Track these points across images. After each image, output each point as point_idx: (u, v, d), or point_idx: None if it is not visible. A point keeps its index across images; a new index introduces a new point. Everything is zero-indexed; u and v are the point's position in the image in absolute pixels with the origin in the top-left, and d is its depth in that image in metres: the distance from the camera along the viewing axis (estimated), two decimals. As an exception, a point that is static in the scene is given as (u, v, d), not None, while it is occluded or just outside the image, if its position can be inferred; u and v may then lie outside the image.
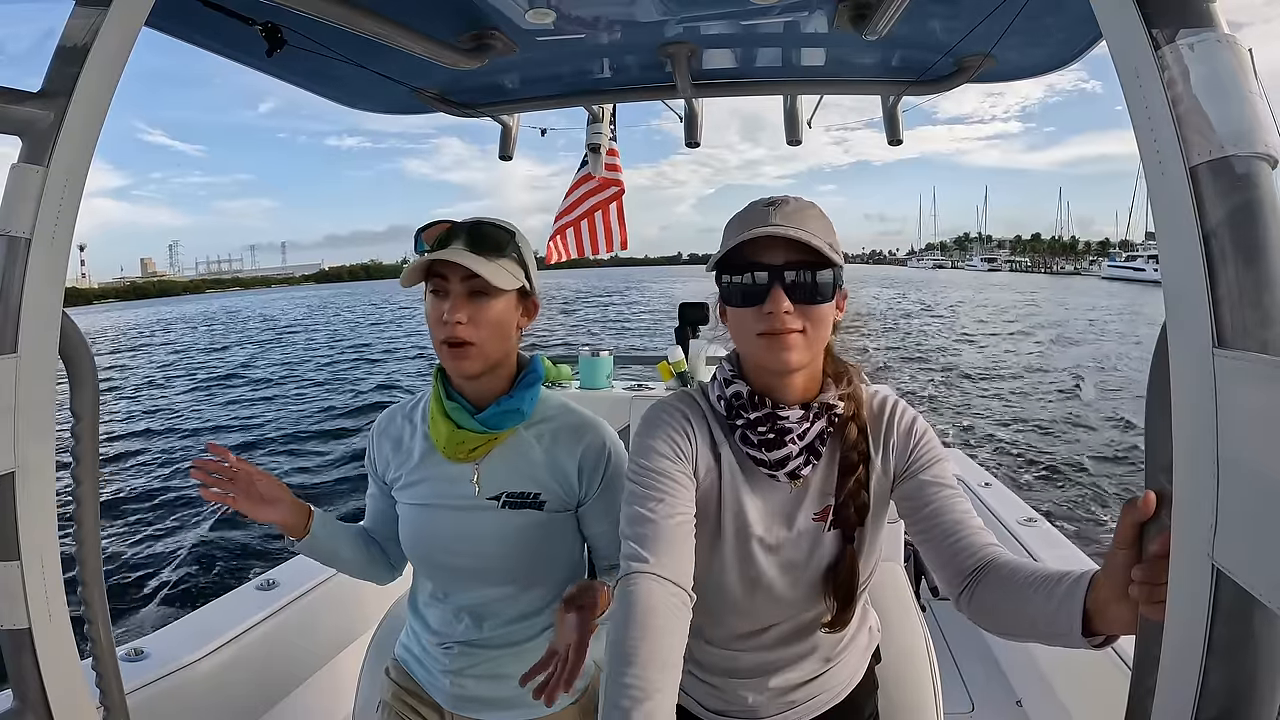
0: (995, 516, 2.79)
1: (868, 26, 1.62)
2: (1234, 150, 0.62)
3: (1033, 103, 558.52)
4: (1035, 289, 74.15)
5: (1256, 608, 0.61)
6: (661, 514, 1.11)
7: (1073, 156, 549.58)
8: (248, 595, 2.18)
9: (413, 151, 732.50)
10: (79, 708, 1.09)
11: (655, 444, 1.18)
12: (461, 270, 1.24)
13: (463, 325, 1.25)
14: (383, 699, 1.54)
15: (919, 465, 1.20)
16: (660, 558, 1.06)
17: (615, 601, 1.04)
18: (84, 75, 0.97)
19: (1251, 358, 0.59)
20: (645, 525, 1.10)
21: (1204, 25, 0.64)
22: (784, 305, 1.09)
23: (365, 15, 1.52)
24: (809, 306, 1.10)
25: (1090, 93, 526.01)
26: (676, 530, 1.11)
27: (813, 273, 1.10)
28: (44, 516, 1.02)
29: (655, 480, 1.14)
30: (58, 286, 1.00)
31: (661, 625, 0.99)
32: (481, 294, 1.27)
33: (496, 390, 1.36)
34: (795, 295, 1.10)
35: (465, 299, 1.26)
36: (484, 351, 1.29)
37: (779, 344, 1.11)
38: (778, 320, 1.09)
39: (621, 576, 1.06)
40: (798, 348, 1.11)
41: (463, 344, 1.27)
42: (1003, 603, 1.04)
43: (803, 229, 1.09)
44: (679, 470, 1.16)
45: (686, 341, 3.24)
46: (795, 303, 1.10)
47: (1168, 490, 0.70)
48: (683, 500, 1.14)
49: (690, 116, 2.73)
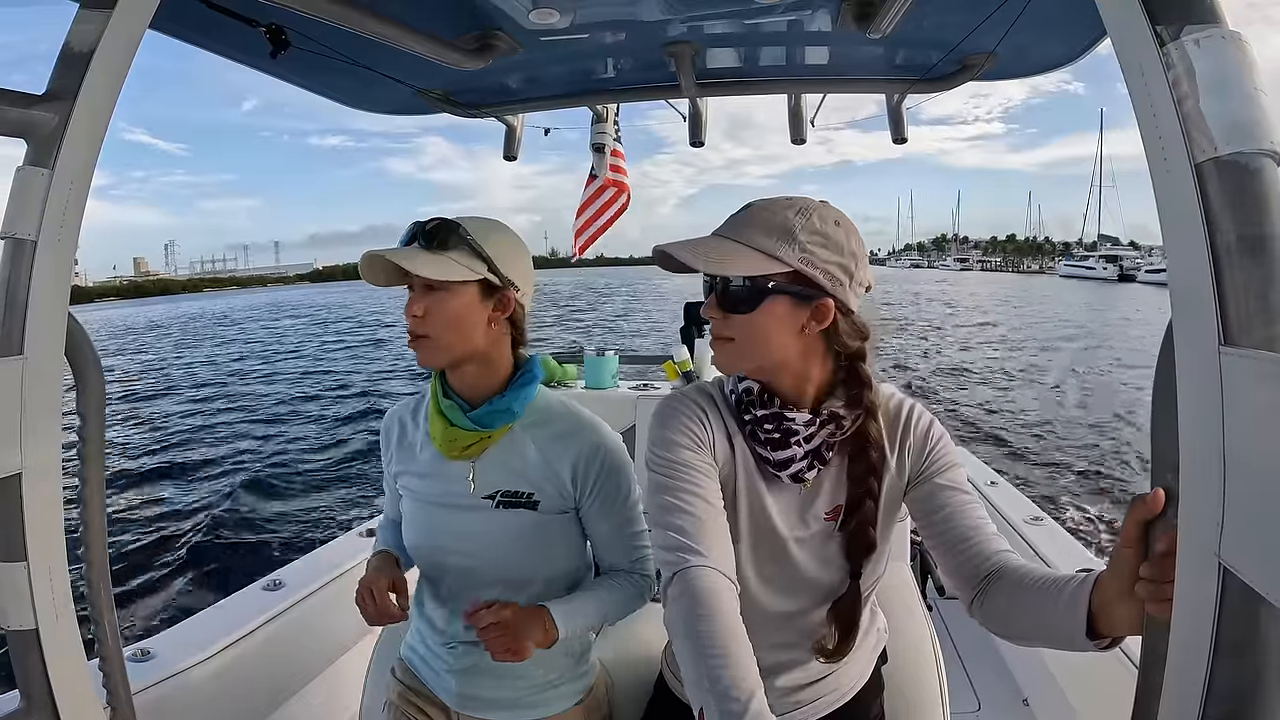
0: (1001, 515, 2.79)
1: (872, 25, 1.61)
2: (1240, 147, 0.61)
3: (1015, 104, 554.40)
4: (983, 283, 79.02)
5: (1263, 606, 0.60)
6: (698, 505, 1.10)
7: (1055, 158, 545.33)
8: (254, 595, 2.19)
9: (396, 151, 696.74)
10: (85, 708, 1.10)
11: (674, 435, 1.17)
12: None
13: (418, 319, 1.27)
14: (389, 699, 1.54)
15: (934, 470, 1.19)
16: (711, 550, 1.06)
17: (676, 598, 1.02)
18: (88, 78, 0.97)
19: (1258, 355, 0.59)
20: (683, 517, 1.09)
21: (1209, 21, 0.64)
22: (713, 311, 1.13)
23: (369, 16, 1.52)
24: (733, 315, 1.12)
25: (1073, 94, 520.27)
26: (716, 520, 1.11)
27: (726, 284, 1.11)
28: (51, 517, 1.02)
29: (681, 471, 1.14)
30: (63, 288, 1.00)
31: (735, 617, 0.99)
32: (434, 289, 1.28)
33: (491, 389, 1.36)
34: (723, 304, 1.12)
35: (422, 293, 1.28)
36: (440, 344, 1.29)
37: (715, 347, 1.16)
38: (715, 325, 1.15)
39: (677, 571, 1.04)
40: (725, 353, 1.15)
41: (418, 337, 1.28)
42: (1013, 608, 1.04)
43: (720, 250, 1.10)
44: (701, 460, 1.16)
45: (692, 341, 3.24)
46: (724, 311, 1.12)
47: (1174, 488, 0.70)
48: (713, 489, 1.14)
49: (694, 116, 2.74)
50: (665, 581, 1.06)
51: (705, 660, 0.92)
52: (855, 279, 1.12)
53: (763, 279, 1.08)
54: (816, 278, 1.08)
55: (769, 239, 1.08)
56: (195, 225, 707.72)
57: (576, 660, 1.47)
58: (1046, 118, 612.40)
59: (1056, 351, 23.06)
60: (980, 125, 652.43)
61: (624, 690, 1.59)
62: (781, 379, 1.16)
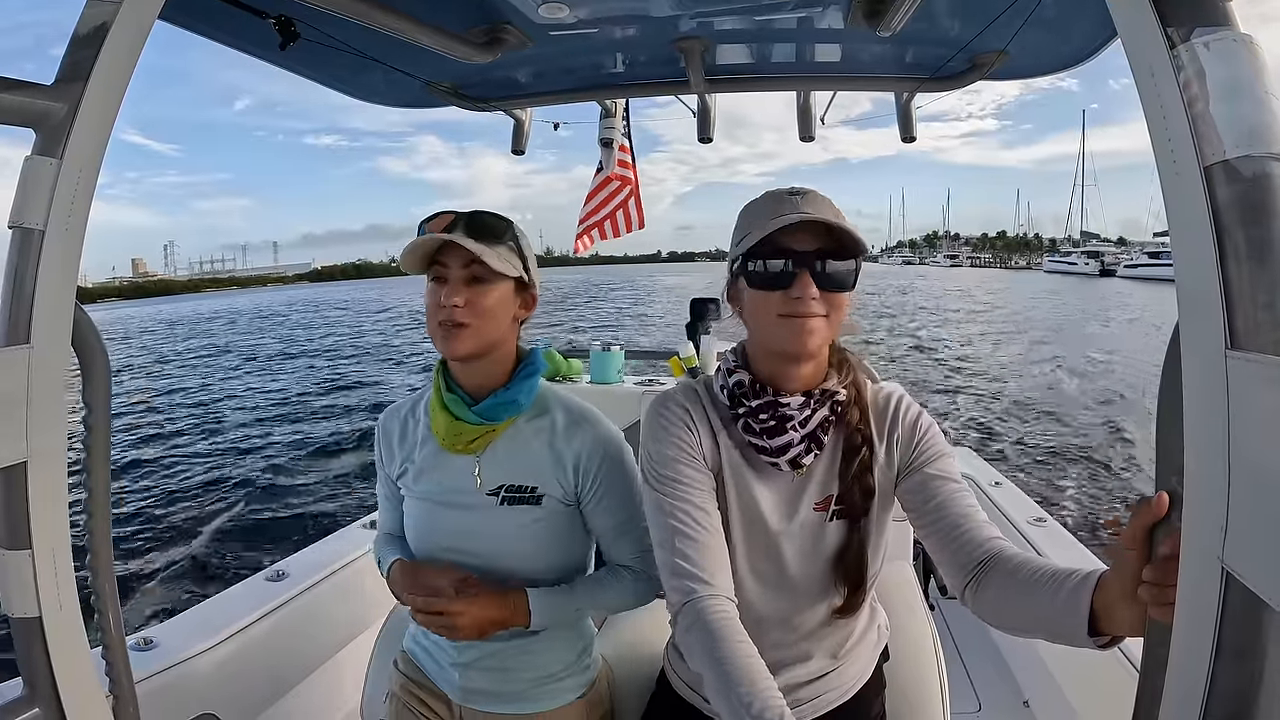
0: (1005, 516, 2.78)
1: (882, 23, 1.61)
2: (1249, 150, 0.61)
3: (1009, 100, 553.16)
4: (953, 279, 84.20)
5: (1266, 611, 0.60)
6: (698, 527, 1.15)
7: (1049, 154, 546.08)
8: (257, 586, 2.20)
9: (390, 150, 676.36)
10: (88, 696, 1.10)
11: (665, 449, 1.21)
12: (462, 256, 1.27)
13: (459, 308, 1.27)
14: (391, 690, 1.54)
15: (923, 459, 1.21)
16: (716, 576, 1.12)
17: (689, 629, 1.09)
18: (97, 69, 0.97)
19: (1264, 359, 0.58)
20: (686, 542, 1.14)
21: (1220, 24, 0.64)
22: (811, 290, 1.12)
23: (378, 9, 1.52)
24: (833, 294, 1.13)
25: (1067, 90, 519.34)
26: (716, 538, 1.16)
27: (841, 261, 1.13)
28: (55, 506, 1.02)
29: (678, 489, 1.17)
30: (71, 278, 1.01)
31: (749, 641, 1.06)
32: (479, 280, 1.29)
33: (494, 382, 1.37)
34: (822, 282, 1.12)
35: (464, 284, 1.28)
36: (477, 333, 1.30)
37: (801, 327, 1.13)
38: (804, 304, 1.12)
39: (686, 602, 1.10)
40: (818, 331, 1.14)
41: (457, 325, 1.28)
42: (1008, 598, 1.04)
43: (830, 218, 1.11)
44: (697, 470, 1.20)
45: (698, 336, 3.23)
46: (821, 289, 1.12)
47: (1178, 491, 0.70)
48: (710, 503, 1.18)
49: (703, 112, 2.73)
50: (675, 609, 1.12)
51: (734, 689, 0.98)
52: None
53: (860, 259, 1.16)
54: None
55: (845, 221, 1.13)
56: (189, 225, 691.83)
57: (579, 654, 1.47)
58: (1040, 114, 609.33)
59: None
60: (974, 122, 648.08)
61: (626, 684, 1.59)
62: (812, 361, 1.20)
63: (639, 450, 1.28)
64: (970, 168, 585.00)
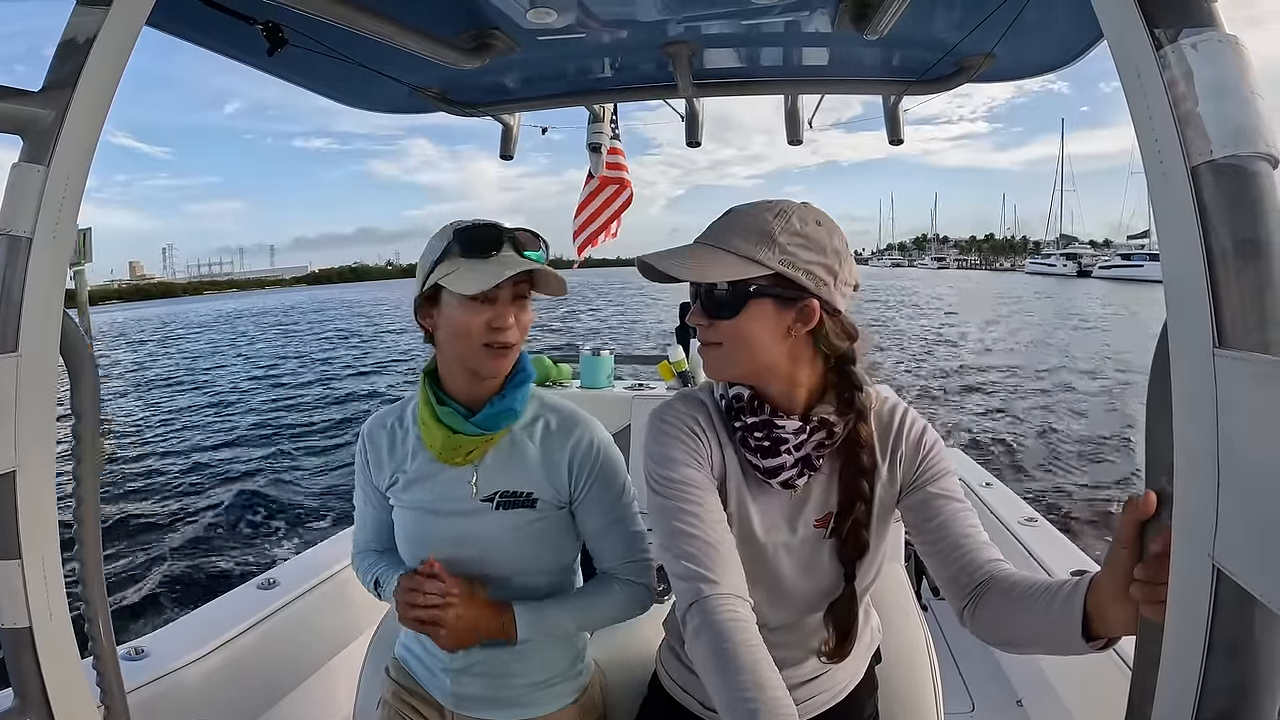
0: (995, 516, 2.79)
1: (869, 26, 1.62)
2: (1235, 150, 0.61)
3: (1000, 103, 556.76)
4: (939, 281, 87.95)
5: (1257, 608, 0.61)
6: (706, 529, 1.10)
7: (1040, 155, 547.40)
8: (248, 594, 2.18)
9: (380, 153, 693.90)
10: (79, 706, 1.09)
11: (672, 452, 1.17)
12: (514, 277, 1.25)
13: (511, 330, 1.27)
14: (383, 697, 1.54)
15: (927, 477, 1.19)
16: (725, 575, 1.07)
17: (698, 631, 1.03)
18: (85, 75, 0.97)
19: (1252, 358, 0.59)
20: (693, 542, 1.09)
21: (1206, 25, 0.64)
22: (698, 318, 1.15)
23: (366, 14, 1.52)
24: (718, 321, 1.13)
25: (1058, 93, 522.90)
26: (724, 540, 1.11)
27: (711, 290, 1.12)
28: (44, 515, 1.01)
29: (683, 491, 1.13)
30: (59, 286, 1.00)
31: (760, 643, 1.00)
32: (521, 298, 1.30)
33: (488, 392, 1.36)
34: (708, 310, 1.13)
35: (510, 304, 1.28)
36: (518, 351, 1.32)
37: (703, 354, 1.17)
38: (700, 332, 1.15)
39: (694, 602, 1.05)
40: (712, 359, 1.16)
41: (507, 346, 1.28)
42: (1004, 616, 1.04)
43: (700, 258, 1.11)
44: (703, 476, 1.16)
45: (688, 341, 3.23)
46: (709, 317, 1.13)
47: (1168, 490, 0.70)
48: (716, 507, 1.14)
49: (691, 116, 2.74)
50: (683, 611, 1.07)
51: (742, 693, 0.93)
52: (840, 278, 1.12)
53: (744, 283, 1.09)
54: (799, 279, 1.09)
55: (748, 243, 1.09)
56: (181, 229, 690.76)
57: (572, 659, 1.47)
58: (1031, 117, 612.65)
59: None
60: (965, 125, 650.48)
61: (619, 689, 1.59)
62: (771, 383, 1.16)
63: (629, 456, 1.27)
64: (962, 170, 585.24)
